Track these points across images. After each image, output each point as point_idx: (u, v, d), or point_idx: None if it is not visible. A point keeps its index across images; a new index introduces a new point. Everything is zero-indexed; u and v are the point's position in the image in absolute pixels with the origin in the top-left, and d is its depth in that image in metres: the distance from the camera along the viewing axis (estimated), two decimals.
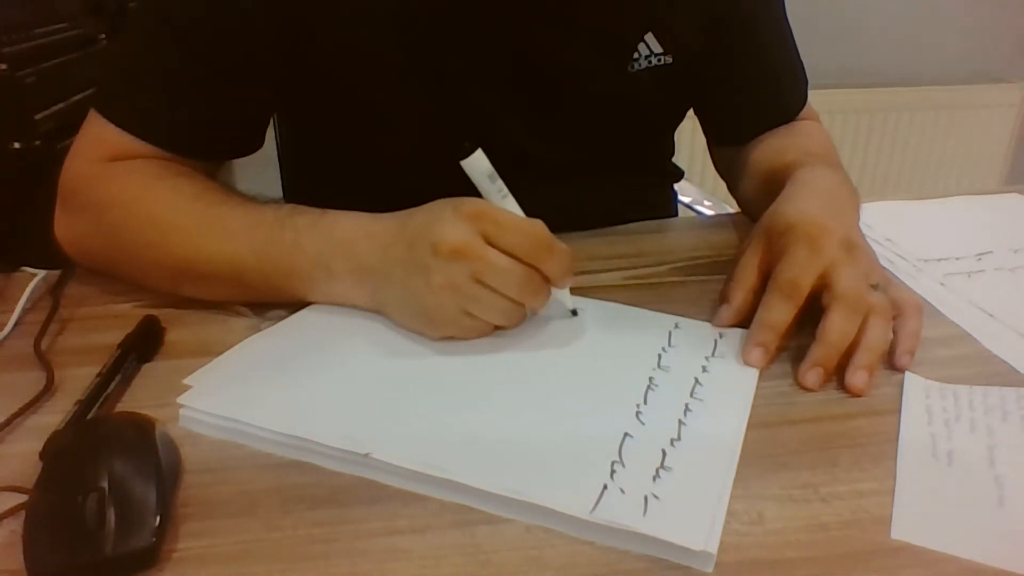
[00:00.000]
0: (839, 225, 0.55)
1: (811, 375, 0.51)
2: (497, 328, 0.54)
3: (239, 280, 0.57)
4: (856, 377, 0.50)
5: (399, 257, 0.53)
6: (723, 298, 0.58)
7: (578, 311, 0.58)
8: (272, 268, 0.56)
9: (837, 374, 0.51)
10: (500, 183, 0.53)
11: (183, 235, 0.58)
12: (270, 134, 0.78)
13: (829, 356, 0.51)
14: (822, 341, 0.51)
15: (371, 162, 0.73)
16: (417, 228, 0.52)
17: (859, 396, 0.50)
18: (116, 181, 0.61)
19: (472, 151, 0.51)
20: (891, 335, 0.53)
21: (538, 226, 0.52)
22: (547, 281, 0.53)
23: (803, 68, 0.80)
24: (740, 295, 0.57)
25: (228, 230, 0.58)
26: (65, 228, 0.64)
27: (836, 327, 0.51)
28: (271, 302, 0.58)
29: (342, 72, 0.66)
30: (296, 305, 0.58)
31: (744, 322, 0.55)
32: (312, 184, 0.87)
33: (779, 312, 0.53)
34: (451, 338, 0.53)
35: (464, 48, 0.66)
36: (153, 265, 0.60)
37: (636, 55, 0.70)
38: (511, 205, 0.53)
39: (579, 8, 0.67)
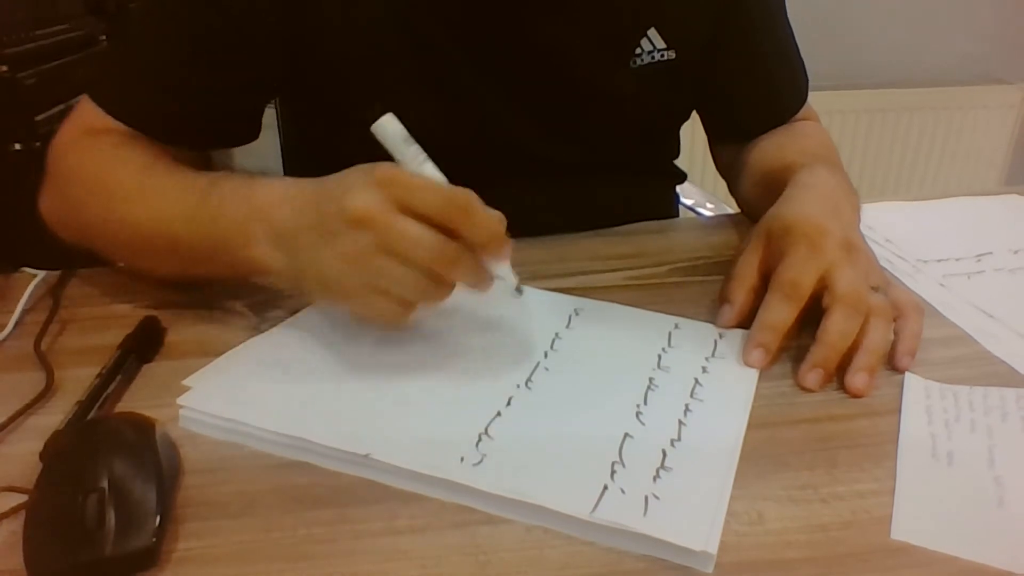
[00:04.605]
0: (839, 227, 0.55)
1: (811, 376, 0.51)
2: (415, 306, 0.49)
3: (173, 250, 0.56)
4: (856, 379, 0.50)
5: (310, 223, 0.50)
6: (723, 298, 0.58)
7: (523, 290, 0.51)
8: (199, 235, 0.55)
9: (837, 375, 0.51)
10: (417, 148, 0.48)
11: (125, 204, 0.58)
12: (273, 125, 0.78)
13: (829, 357, 0.51)
14: (822, 342, 0.51)
15: (373, 158, 0.73)
16: (329, 193, 0.49)
17: (859, 397, 0.50)
18: (80, 153, 0.62)
19: (381, 114, 0.47)
20: (891, 336, 0.54)
21: (456, 189, 0.47)
22: (472, 250, 0.47)
23: (803, 67, 0.80)
24: (742, 294, 0.56)
25: (163, 198, 0.57)
26: (42, 201, 0.64)
27: (836, 328, 0.51)
28: (216, 277, 0.58)
29: (346, 69, 0.66)
30: (294, 307, 0.58)
31: (745, 323, 0.55)
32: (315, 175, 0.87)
33: (780, 313, 0.53)
34: (364, 319, 0.50)
35: (466, 44, 0.66)
36: (104, 236, 0.60)
37: (639, 50, 0.70)
38: (430, 170, 0.49)
39: (581, 3, 0.68)
